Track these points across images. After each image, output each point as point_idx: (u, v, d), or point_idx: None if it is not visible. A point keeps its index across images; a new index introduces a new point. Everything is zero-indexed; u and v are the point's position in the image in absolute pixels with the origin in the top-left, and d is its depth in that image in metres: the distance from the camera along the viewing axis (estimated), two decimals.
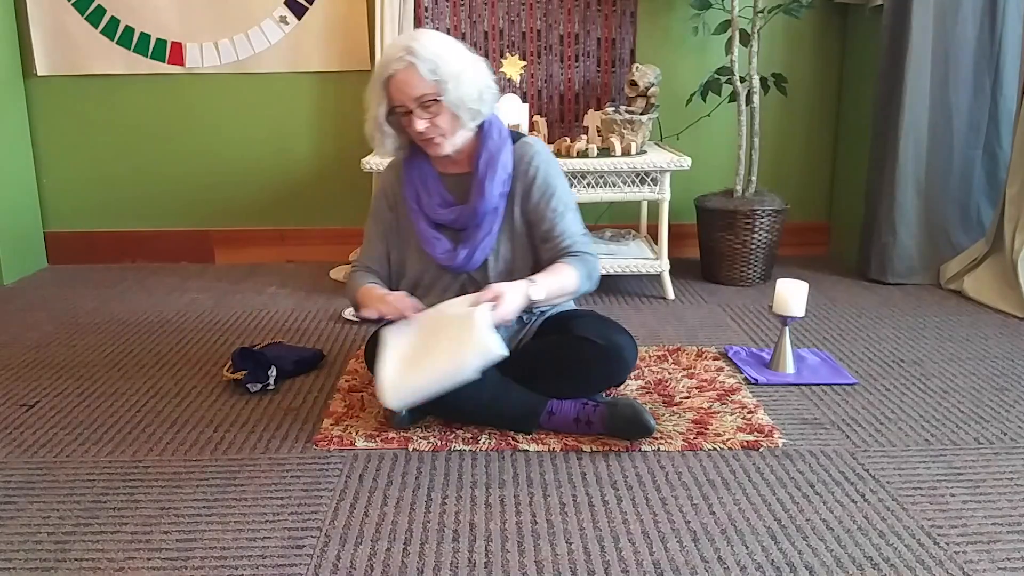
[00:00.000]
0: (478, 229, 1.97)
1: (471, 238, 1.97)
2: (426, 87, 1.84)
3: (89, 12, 3.44)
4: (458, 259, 1.98)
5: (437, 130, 1.89)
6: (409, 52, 1.83)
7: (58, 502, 1.68)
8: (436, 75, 1.83)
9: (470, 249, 1.97)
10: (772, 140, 3.56)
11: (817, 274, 3.35)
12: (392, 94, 1.87)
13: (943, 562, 1.46)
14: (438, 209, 1.99)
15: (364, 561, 1.48)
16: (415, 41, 1.86)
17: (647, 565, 1.46)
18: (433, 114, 1.87)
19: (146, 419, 2.08)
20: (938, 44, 3.06)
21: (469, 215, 1.97)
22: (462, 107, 1.88)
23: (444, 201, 2.00)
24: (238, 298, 3.16)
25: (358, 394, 2.18)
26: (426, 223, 2.00)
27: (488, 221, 1.97)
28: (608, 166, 2.93)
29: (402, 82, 1.84)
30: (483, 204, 1.95)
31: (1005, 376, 2.31)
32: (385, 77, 1.87)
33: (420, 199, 2.00)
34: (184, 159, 3.61)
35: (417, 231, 2.01)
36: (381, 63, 1.90)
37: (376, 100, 1.91)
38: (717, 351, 2.50)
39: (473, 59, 1.91)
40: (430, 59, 1.83)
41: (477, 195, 1.95)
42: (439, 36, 1.90)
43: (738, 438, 1.92)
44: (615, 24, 3.47)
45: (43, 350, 2.58)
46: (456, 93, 1.85)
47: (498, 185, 1.95)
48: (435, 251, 1.99)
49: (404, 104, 1.87)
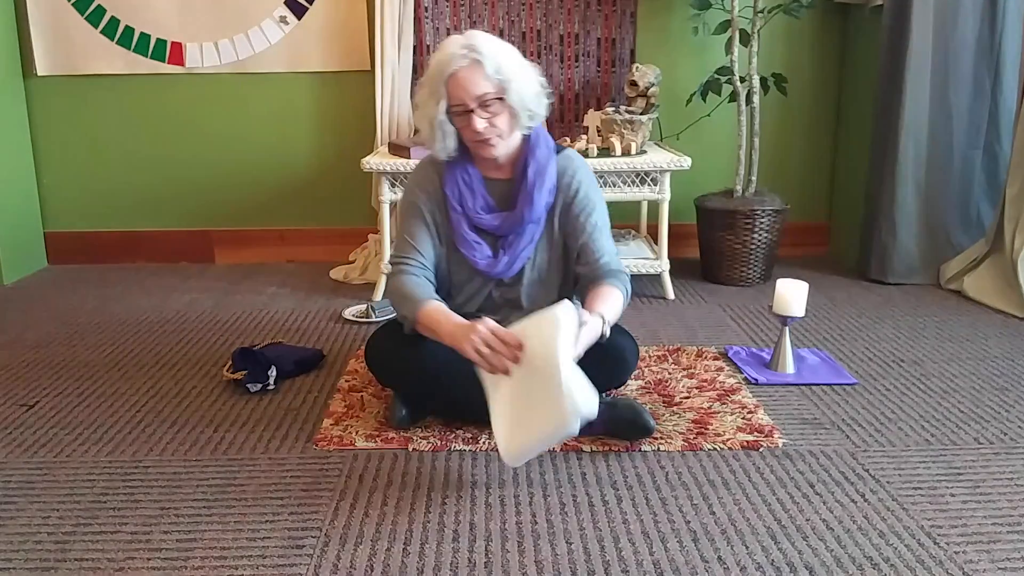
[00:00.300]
0: (520, 237, 1.95)
1: (512, 246, 1.95)
2: (490, 85, 1.80)
3: (89, 12, 3.44)
4: (498, 267, 1.96)
5: (495, 130, 1.85)
6: (472, 49, 1.79)
7: (58, 502, 1.68)
8: (500, 74, 1.80)
9: (511, 257, 1.95)
10: (772, 140, 3.56)
11: (817, 274, 3.36)
12: (452, 92, 1.82)
13: (943, 562, 1.46)
14: (482, 213, 1.95)
15: (364, 561, 1.48)
16: (474, 39, 1.82)
17: (647, 565, 1.46)
18: (493, 114, 1.83)
19: (146, 419, 2.08)
20: (938, 44, 3.06)
21: (513, 223, 1.94)
22: (523, 107, 1.85)
23: (487, 206, 1.96)
24: (238, 298, 3.16)
25: (358, 394, 2.18)
26: (467, 226, 1.96)
27: (530, 230, 1.95)
28: (608, 166, 2.93)
29: (465, 79, 1.80)
30: (530, 213, 1.92)
31: (1005, 376, 2.31)
32: (447, 74, 1.81)
33: (464, 201, 1.95)
34: (184, 159, 3.61)
35: (457, 233, 1.96)
36: (440, 60, 1.83)
37: (434, 98, 1.85)
38: (717, 351, 2.50)
39: (527, 62, 1.89)
40: (493, 57, 1.80)
41: (525, 203, 1.92)
42: (492, 36, 1.86)
43: (738, 438, 1.92)
44: (615, 24, 3.47)
45: (43, 350, 2.58)
46: (518, 92, 1.82)
47: (545, 195, 1.93)
48: (475, 255, 1.96)
49: (464, 103, 1.82)
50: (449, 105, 1.83)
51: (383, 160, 2.95)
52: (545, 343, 1.62)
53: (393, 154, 3.05)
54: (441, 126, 1.86)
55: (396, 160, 2.95)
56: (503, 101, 1.82)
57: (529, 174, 1.92)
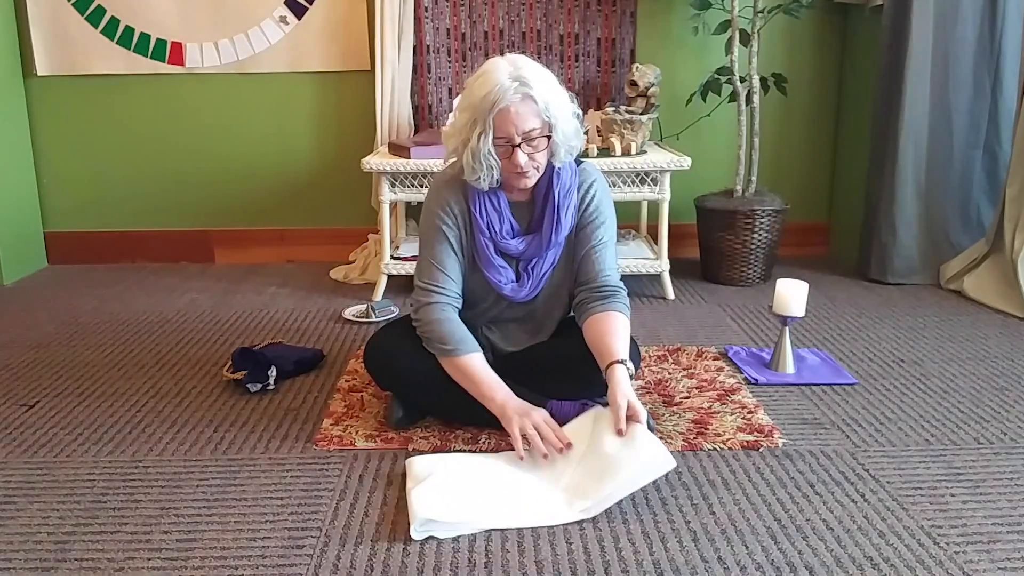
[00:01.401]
0: (543, 260, 1.94)
1: (535, 269, 1.94)
2: (538, 121, 1.78)
3: (89, 12, 3.44)
4: (522, 292, 1.95)
5: (534, 164, 1.82)
6: (523, 83, 1.74)
7: (58, 502, 1.68)
8: (548, 111, 1.77)
9: (534, 281, 1.95)
10: (772, 140, 3.56)
11: (817, 274, 3.35)
12: (499, 125, 1.77)
13: (943, 562, 1.46)
14: (508, 238, 1.93)
15: (364, 561, 1.48)
16: (522, 70, 1.76)
17: (647, 565, 1.46)
18: (535, 148, 1.80)
19: (146, 419, 2.08)
20: (938, 44, 3.06)
21: (539, 246, 1.93)
22: (565, 144, 1.83)
23: (513, 230, 1.94)
24: (238, 298, 3.16)
25: (358, 394, 2.18)
26: (494, 250, 1.93)
27: (553, 252, 1.94)
28: (608, 166, 2.93)
29: (515, 115, 1.75)
30: (557, 236, 1.91)
31: (1005, 376, 2.31)
32: (497, 107, 1.75)
33: (492, 225, 1.91)
34: (184, 159, 3.61)
35: (483, 257, 1.93)
36: (488, 90, 1.75)
37: (477, 129, 1.78)
38: (717, 351, 2.50)
39: (566, 92, 1.86)
40: (544, 93, 1.76)
41: (551, 226, 1.91)
42: (537, 65, 1.82)
43: (738, 438, 1.92)
44: (615, 24, 3.47)
45: (43, 350, 2.58)
46: (563, 131, 1.81)
47: (571, 218, 1.92)
48: (500, 280, 1.94)
49: (510, 137, 1.77)
50: (493, 136, 1.78)
51: (383, 160, 2.95)
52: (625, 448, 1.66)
53: (393, 154, 3.05)
54: (486, 159, 1.80)
55: (396, 160, 2.95)
56: (548, 138, 1.80)
57: (556, 196, 1.90)
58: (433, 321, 1.88)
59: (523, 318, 2.04)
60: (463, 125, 1.82)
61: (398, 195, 2.99)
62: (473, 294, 2.00)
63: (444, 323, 1.88)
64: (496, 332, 2.05)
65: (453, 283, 1.92)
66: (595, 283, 1.92)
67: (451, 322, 1.88)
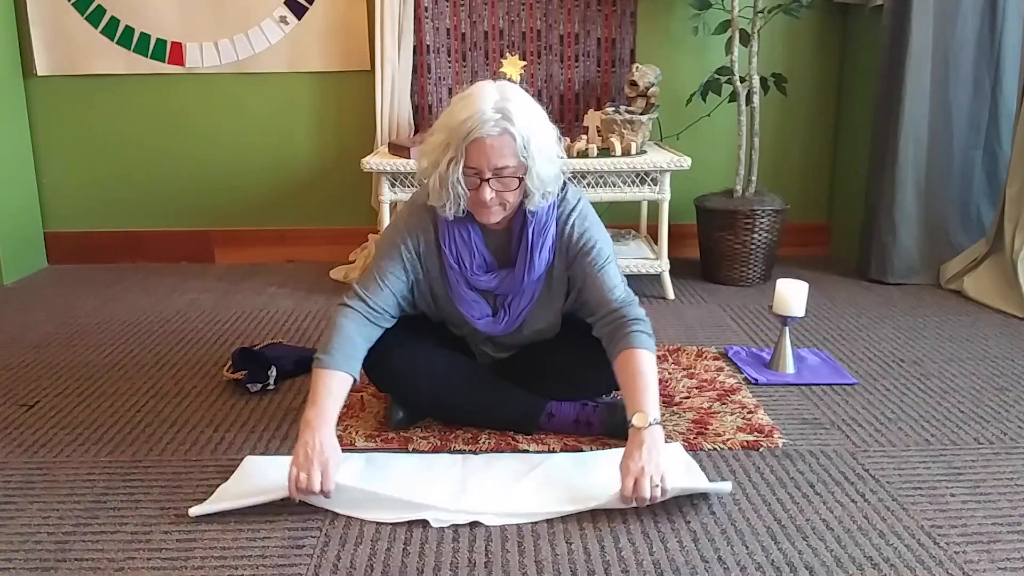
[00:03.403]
0: (520, 297, 1.87)
1: (513, 306, 1.88)
2: (513, 160, 1.68)
3: (89, 12, 3.44)
4: (498, 327, 1.89)
5: (500, 201, 1.73)
6: (505, 116, 1.65)
7: (58, 502, 1.68)
8: (526, 151, 1.68)
9: (511, 317, 1.88)
10: (772, 140, 3.56)
11: (817, 274, 3.35)
12: (471, 154, 1.68)
13: (943, 562, 1.46)
14: (480, 274, 1.85)
15: (364, 561, 1.48)
16: (508, 103, 1.67)
17: (647, 565, 1.46)
18: (505, 187, 1.71)
19: (146, 419, 2.08)
20: (938, 44, 3.06)
21: (512, 283, 1.85)
22: (538, 189, 1.74)
23: (485, 264, 1.86)
24: (238, 298, 3.16)
25: (358, 394, 2.18)
26: (465, 285, 1.86)
27: (530, 290, 1.87)
28: (608, 166, 2.93)
29: (490, 148, 1.66)
30: (530, 275, 1.83)
31: (1005, 376, 2.31)
32: (472, 137, 1.66)
33: (461, 258, 1.83)
34: (184, 159, 3.61)
35: (455, 292, 1.87)
36: (467, 116, 1.66)
37: (448, 156, 1.69)
38: (717, 351, 2.50)
39: (553, 131, 1.76)
40: (525, 131, 1.67)
41: (524, 266, 1.83)
42: (527, 99, 1.73)
43: (738, 438, 1.92)
44: (615, 24, 3.47)
45: (43, 350, 2.58)
46: (538, 175, 1.71)
47: (546, 255, 1.83)
48: (473, 315, 1.88)
49: (480, 169, 1.68)
50: (464, 166, 1.70)
51: (383, 160, 2.95)
52: None
53: (393, 154, 3.05)
54: (454, 187, 1.71)
55: (396, 160, 2.95)
56: (520, 179, 1.72)
57: (529, 233, 1.81)
58: (335, 325, 1.78)
59: (504, 348, 2.01)
60: (436, 146, 1.73)
61: (398, 195, 2.99)
62: (454, 322, 1.97)
63: (341, 331, 1.77)
64: (489, 344, 2.03)
65: (385, 300, 1.83)
66: (607, 309, 1.81)
67: (348, 337, 1.77)
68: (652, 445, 1.61)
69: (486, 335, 1.97)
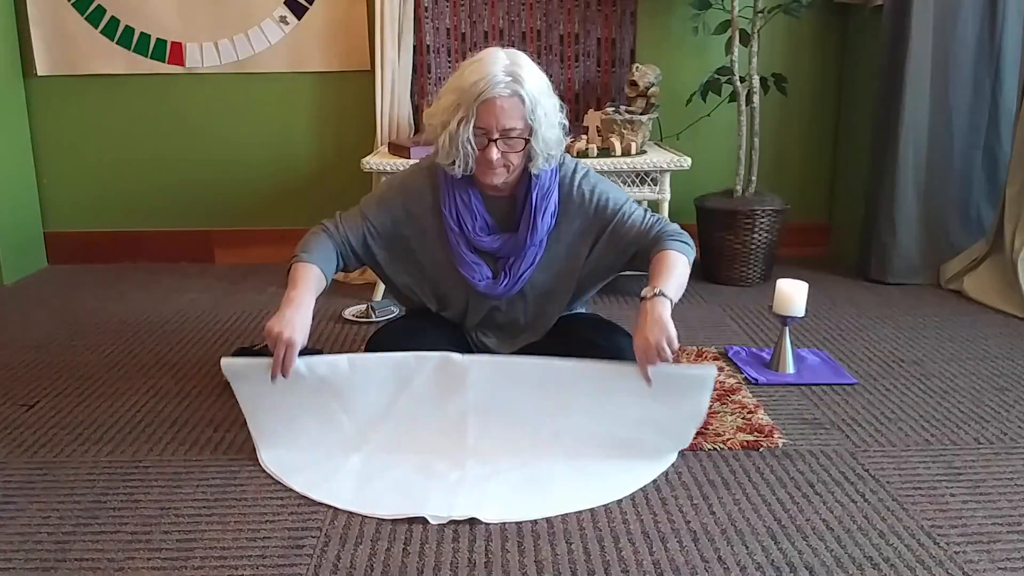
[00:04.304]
0: (522, 260, 1.90)
1: (514, 268, 1.90)
2: (521, 122, 1.74)
3: (89, 12, 3.44)
4: (498, 289, 1.91)
5: (505, 162, 1.78)
6: (516, 79, 1.71)
7: (58, 502, 1.68)
8: (534, 115, 1.73)
9: (511, 279, 1.91)
10: (772, 140, 3.56)
11: (817, 274, 3.35)
12: (481, 115, 1.73)
13: (943, 562, 1.46)
14: (481, 235, 1.89)
15: (364, 561, 1.48)
16: (518, 67, 1.73)
17: (647, 565, 1.46)
18: (511, 148, 1.77)
19: (146, 419, 2.08)
20: (938, 44, 3.06)
21: (514, 246, 1.89)
22: (543, 151, 1.79)
23: (487, 226, 1.90)
24: (238, 298, 3.16)
25: None
26: (466, 247, 1.90)
27: (532, 252, 1.90)
28: (608, 166, 2.93)
29: (500, 109, 1.72)
30: (533, 238, 1.87)
31: (1005, 376, 2.31)
32: (483, 97, 1.71)
33: (462, 221, 1.88)
34: (184, 159, 3.61)
35: (454, 253, 1.91)
36: (479, 77, 1.71)
37: (459, 115, 1.74)
38: (717, 351, 2.50)
39: (556, 100, 1.81)
40: (534, 95, 1.72)
41: (527, 228, 1.87)
42: (534, 66, 1.78)
43: (738, 438, 1.92)
44: (615, 24, 3.47)
45: (43, 350, 2.58)
46: (544, 138, 1.77)
47: (548, 219, 1.88)
48: (474, 277, 1.91)
49: (489, 129, 1.74)
50: (475, 126, 1.75)
51: (383, 160, 2.96)
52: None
53: (393, 154, 3.06)
54: (464, 146, 1.76)
55: (396, 160, 2.95)
56: (526, 141, 1.77)
57: (533, 197, 1.86)
58: (315, 236, 1.94)
59: (509, 323, 2.02)
60: (446, 107, 1.77)
61: None
62: (447, 297, 1.98)
63: (320, 242, 1.92)
64: (492, 337, 2.04)
65: (356, 238, 1.94)
66: (646, 239, 1.87)
67: (326, 247, 1.92)
68: (653, 312, 1.69)
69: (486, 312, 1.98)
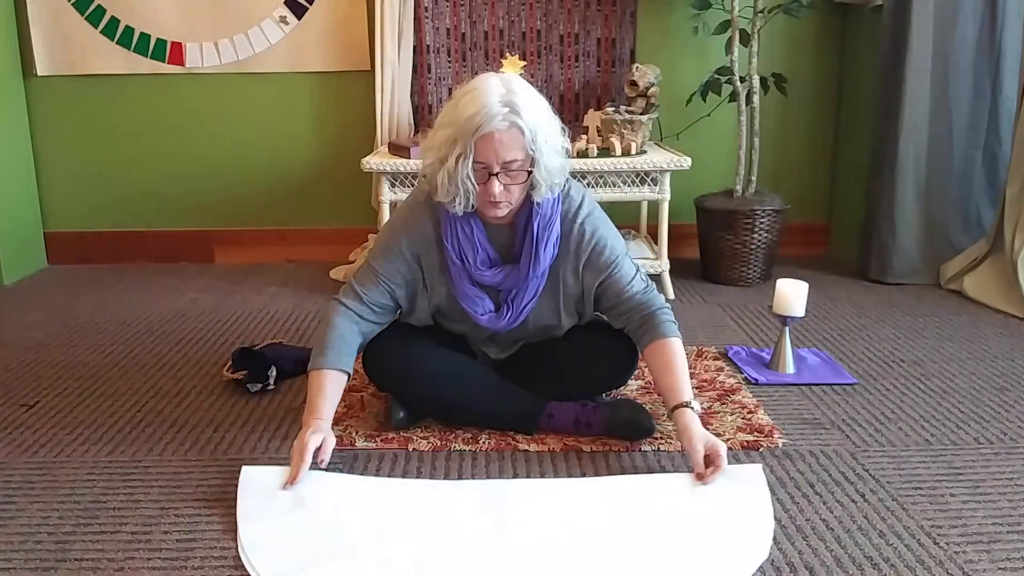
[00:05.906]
0: (524, 292, 1.85)
1: (516, 301, 1.86)
2: (521, 154, 1.68)
3: (89, 12, 3.44)
4: (501, 323, 1.88)
5: (508, 195, 1.73)
6: (513, 110, 1.65)
7: (58, 502, 1.68)
8: (534, 144, 1.68)
9: (514, 312, 1.86)
10: (772, 140, 3.56)
11: (817, 274, 3.35)
12: (480, 150, 1.66)
13: (943, 562, 1.46)
14: (482, 269, 1.83)
15: None
16: (514, 95, 1.67)
17: None
18: (513, 180, 1.71)
19: (146, 419, 2.08)
20: (938, 44, 3.06)
21: (516, 279, 1.84)
22: (546, 181, 1.73)
23: (488, 259, 1.84)
24: (238, 298, 3.16)
25: (358, 394, 2.18)
26: (468, 281, 1.85)
27: (534, 285, 1.85)
28: (608, 166, 2.93)
29: (499, 142, 1.66)
30: (535, 271, 1.82)
31: (1005, 376, 2.31)
32: (481, 132, 1.65)
33: (464, 254, 1.82)
34: (184, 159, 3.61)
35: (457, 288, 1.86)
36: (475, 111, 1.65)
37: (456, 151, 1.67)
38: (717, 351, 2.50)
39: (557, 122, 1.76)
40: (533, 124, 1.67)
41: (529, 261, 1.82)
42: (532, 91, 1.73)
43: (738, 438, 1.92)
44: (615, 24, 3.47)
45: (43, 350, 2.58)
46: (546, 167, 1.71)
47: (551, 250, 1.82)
48: (476, 311, 1.86)
49: (489, 164, 1.68)
50: (473, 161, 1.69)
51: (383, 160, 2.95)
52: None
53: (393, 154, 3.05)
54: (463, 183, 1.69)
55: (396, 160, 2.95)
56: (529, 172, 1.72)
57: (535, 228, 1.80)
58: (328, 323, 1.83)
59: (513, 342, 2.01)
60: (443, 142, 1.71)
61: (398, 195, 2.99)
62: (453, 319, 1.96)
63: (334, 329, 1.82)
64: (493, 347, 2.03)
65: (381, 297, 1.85)
66: (629, 304, 1.87)
67: (340, 335, 1.81)
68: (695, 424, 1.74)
69: (489, 333, 1.96)
